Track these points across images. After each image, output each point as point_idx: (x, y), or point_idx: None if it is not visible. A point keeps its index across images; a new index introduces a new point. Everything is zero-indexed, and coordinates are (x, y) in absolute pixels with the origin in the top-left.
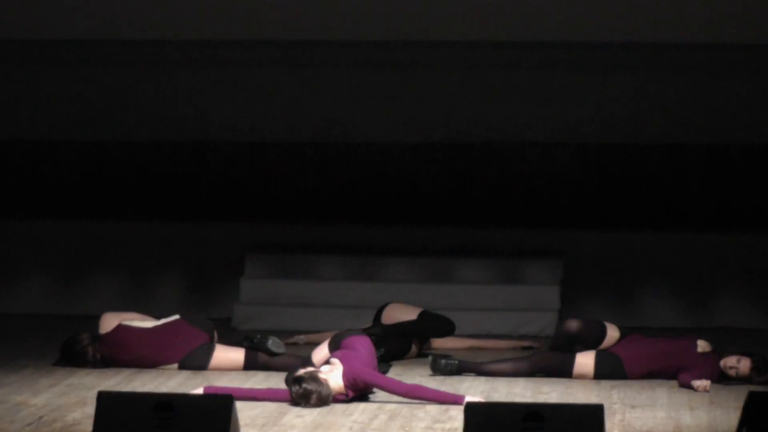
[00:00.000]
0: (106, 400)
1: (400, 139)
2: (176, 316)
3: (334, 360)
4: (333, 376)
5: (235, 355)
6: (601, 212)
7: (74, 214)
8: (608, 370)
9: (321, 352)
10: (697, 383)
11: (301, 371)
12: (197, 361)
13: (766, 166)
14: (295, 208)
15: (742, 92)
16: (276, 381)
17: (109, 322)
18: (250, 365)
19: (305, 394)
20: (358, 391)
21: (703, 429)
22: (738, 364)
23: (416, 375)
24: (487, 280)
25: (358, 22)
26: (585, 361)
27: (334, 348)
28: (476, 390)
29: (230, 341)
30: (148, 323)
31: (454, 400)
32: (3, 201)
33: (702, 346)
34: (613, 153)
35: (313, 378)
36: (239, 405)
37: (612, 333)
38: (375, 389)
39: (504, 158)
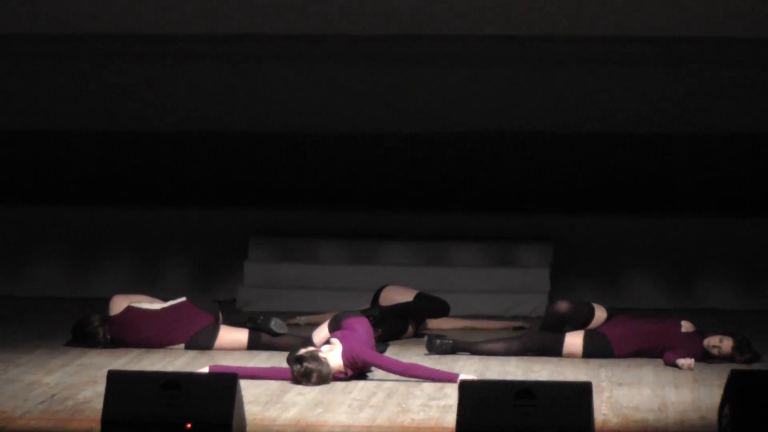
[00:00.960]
0: (115, 379)
1: (397, 129)
2: (183, 298)
3: (334, 340)
4: (333, 355)
5: (239, 335)
6: (590, 198)
7: (85, 201)
8: (596, 349)
9: (321, 332)
10: (681, 362)
11: (302, 351)
12: (203, 342)
13: (749, 154)
14: (296, 195)
15: (725, 84)
16: (278, 360)
17: (119, 304)
18: (253, 345)
19: (306, 372)
20: (356, 370)
21: (687, 405)
22: (721, 343)
23: (412, 354)
24: (480, 263)
25: (356, 17)
26: (574, 340)
27: (333, 328)
28: (470, 368)
29: (234, 322)
30: (156, 305)
31: (448, 378)
32: (17, 188)
33: (686, 326)
34: (601, 142)
35: (314, 357)
36: (243, 383)
37: (600, 314)
38: (373, 368)
39: (496, 147)
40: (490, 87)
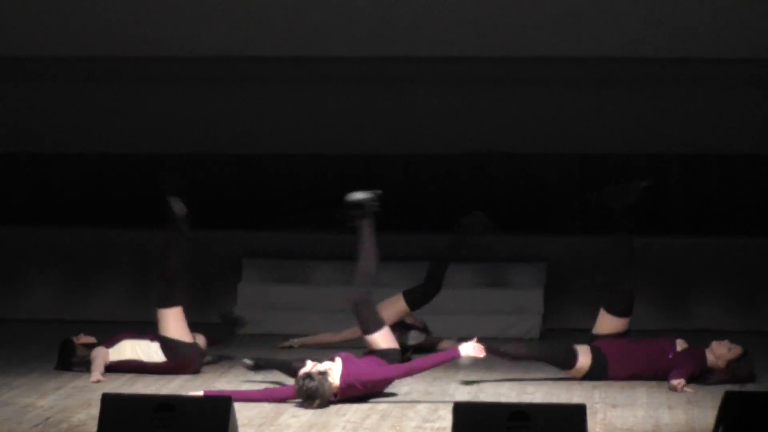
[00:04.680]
0: (109, 402)
1: (389, 150)
2: (164, 359)
3: (337, 358)
4: (333, 372)
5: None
6: (584, 219)
7: (79, 223)
8: (596, 372)
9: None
10: (674, 382)
11: (313, 369)
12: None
13: (742, 174)
14: (290, 216)
15: (718, 104)
16: (272, 383)
17: (124, 349)
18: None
19: (311, 393)
20: (346, 396)
21: (681, 427)
22: (729, 352)
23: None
24: (474, 284)
25: (349, 39)
26: (584, 359)
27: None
28: (463, 391)
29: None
30: (155, 350)
31: (451, 356)
32: (10, 210)
33: (681, 345)
34: (594, 162)
35: (323, 378)
36: (237, 406)
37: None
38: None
39: (489, 168)
40: (483, 108)
